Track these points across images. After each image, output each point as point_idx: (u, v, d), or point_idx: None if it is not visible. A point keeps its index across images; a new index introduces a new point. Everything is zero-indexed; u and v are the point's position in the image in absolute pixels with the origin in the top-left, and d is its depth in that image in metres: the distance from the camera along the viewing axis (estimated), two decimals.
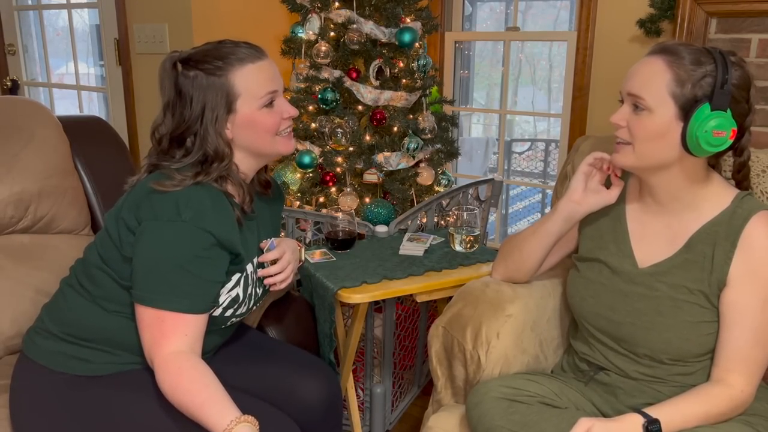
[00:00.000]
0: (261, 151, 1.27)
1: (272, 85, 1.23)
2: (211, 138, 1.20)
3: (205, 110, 1.19)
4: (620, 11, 2.26)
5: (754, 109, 1.17)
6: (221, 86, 1.19)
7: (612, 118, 1.17)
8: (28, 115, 1.66)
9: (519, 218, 5.28)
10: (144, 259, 1.15)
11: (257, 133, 1.24)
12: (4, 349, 1.48)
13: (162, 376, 1.12)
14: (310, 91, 2.22)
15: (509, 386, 1.23)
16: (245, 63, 1.20)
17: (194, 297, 1.16)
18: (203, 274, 1.17)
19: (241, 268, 1.26)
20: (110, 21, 2.76)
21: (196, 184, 1.18)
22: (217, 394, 1.10)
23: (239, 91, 1.20)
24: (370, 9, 2.21)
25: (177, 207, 1.14)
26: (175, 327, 1.14)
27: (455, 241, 1.78)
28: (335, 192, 2.23)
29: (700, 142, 1.09)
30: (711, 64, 1.09)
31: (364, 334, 1.88)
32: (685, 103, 1.10)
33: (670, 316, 1.19)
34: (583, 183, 1.28)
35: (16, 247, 1.57)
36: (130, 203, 1.20)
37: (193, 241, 1.14)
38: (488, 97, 5.97)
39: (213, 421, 1.06)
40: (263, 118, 1.23)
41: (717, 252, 1.16)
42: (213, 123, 1.19)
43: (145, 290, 1.15)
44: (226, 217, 1.20)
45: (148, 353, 1.16)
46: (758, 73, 1.95)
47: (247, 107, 1.21)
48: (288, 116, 1.27)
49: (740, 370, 1.14)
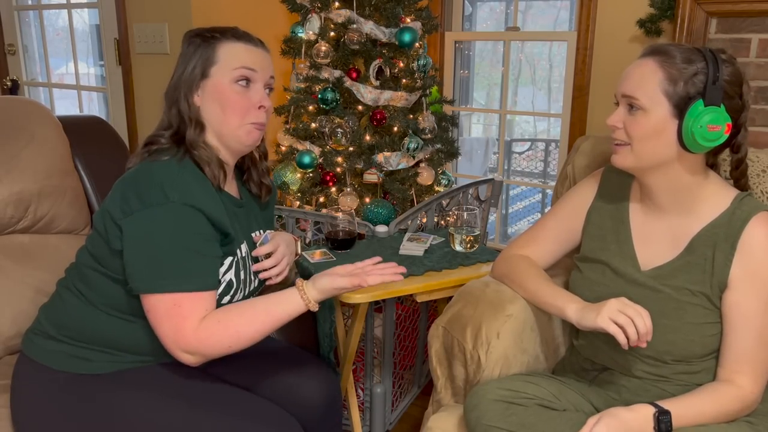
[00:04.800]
0: (222, 131, 1.23)
1: (252, 64, 1.22)
2: (181, 101, 1.21)
3: (184, 72, 1.21)
4: (620, 11, 2.26)
5: (749, 105, 1.18)
6: (205, 51, 1.21)
7: (608, 120, 1.18)
8: (28, 115, 1.66)
9: (519, 218, 5.28)
10: (142, 248, 1.12)
11: (224, 111, 1.21)
12: (4, 349, 1.48)
13: (210, 345, 1.12)
14: (310, 91, 2.22)
15: (507, 388, 1.23)
16: (239, 40, 1.22)
17: (204, 274, 1.15)
18: (205, 250, 1.15)
19: (231, 250, 1.24)
20: (110, 21, 2.76)
21: (179, 160, 1.18)
22: (265, 300, 1.18)
23: (218, 59, 1.21)
24: (370, 9, 2.21)
25: (163, 190, 1.12)
26: (194, 307, 1.12)
27: (455, 241, 1.78)
28: (335, 192, 2.23)
29: (696, 137, 1.10)
30: (702, 62, 1.11)
31: (364, 334, 1.88)
32: (679, 100, 1.11)
33: (674, 317, 1.19)
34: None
35: (16, 247, 1.57)
36: (114, 194, 1.18)
37: (188, 219, 1.13)
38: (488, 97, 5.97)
39: (292, 309, 1.17)
40: (232, 95, 1.21)
41: (717, 254, 1.17)
42: (185, 83, 1.21)
43: (152, 278, 1.12)
44: (211, 194, 1.19)
45: (173, 343, 1.12)
46: (758, 73, 1.95)
47: (219, 75, 1.21)
48: (261, 105, 1.23)
49: (747, 371, 1.15)
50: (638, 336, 1.11)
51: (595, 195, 1.37)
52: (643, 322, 1.11)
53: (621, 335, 1.11)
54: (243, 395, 1.24)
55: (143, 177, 1.15)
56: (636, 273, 1.26)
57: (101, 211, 1.21)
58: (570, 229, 1.39)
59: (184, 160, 1.19)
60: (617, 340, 1.12)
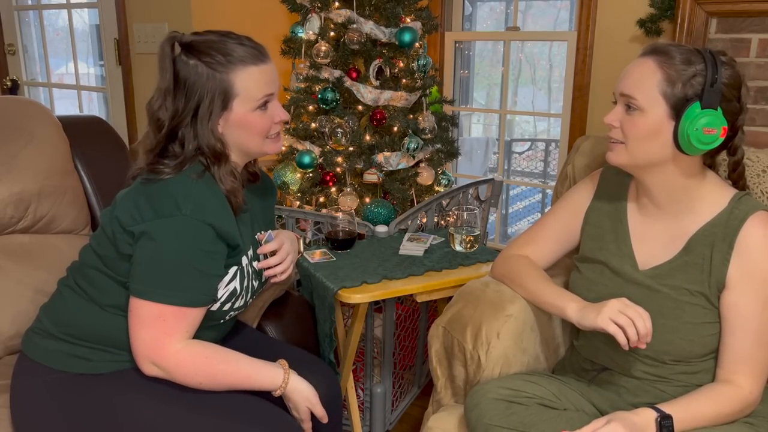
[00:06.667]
0: (248, 150, 1.27)
1: (270, 89, 1.23)
2: (203, 132, 1.19)
3: (201, 104, 1.18)
4: (620, 11, 2.26)
5: (746, 108, 1.18)
6: (221, 82, 1.18)
7: (606, 118, 1.19)
8: (28, 115, 1.66)
9: (519, 218, 5.28)
10: (147, 254, 1.14)
11: (247, 134, 1.23)
12: (4, 349, 1.48)
13: (183, 372, 1.14)
14: (310, 91, 2.22)
15: (507, 387, 1.23)
16: (248, 64, 1.19)
17: (195, 291, 1.16)
18: (205, 268, 1.17)
19: (237, 261, 1.26)
20: (110, 21, 2.76)
21: (198, 176, 1.18)
22: (252, 362, 1.22)
23: (238, 91, 1.19)
24: (370, 9, 2.21)
25: (176, 202, 1.14)
26: (178, 322, 1.14)
27: (455, 241, 1.78)
28: (335, 192, 2.23)
29: (691, 140, 1.10)
30: (701, 64, 1.10)
31: (364, 334, 1.88)
32: (676, 102, 1.11)
33: (673, 317, 1.19)
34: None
35: (16, 247, 1.57)
36: (125, 202, 1.19)
37: (196, 234, 1.14)
38: (488, 97, 5.97)
39: (268, 383, 1.22)
40: (255, 120, 1.22)
41: (715, 254, 1.17)
42: (207, 117, 1.19)
43: (145, 284, 1.14)
44: (224, 209, 1.20)
45: (145, 352, 1.15)
46: (758, 73, 1.95)
47: (242, 108, 1.21)
48: (279, 120, 1.26)
49: (746, 371, 1.15)
50: (638, 337, 1.11)
51: (593, 195, 1.37)
52: (644, 323, 1.11)
53: (621, 335, 1.11)
54: (242, 395, 1.24)
55: (158, 187, 1.17)
56: (634, 273, 1.26)
57: (109, 214, 1.22)
58: (569, 229, 1.39)
59: (201, 175, 1.20)
60: (617, 341, 1.12)
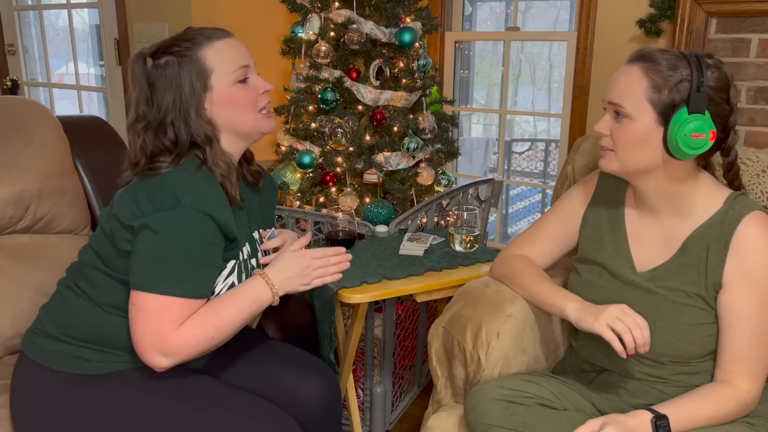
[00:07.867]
0: (242, 129, 1.26)
1: (243, 60, 1.23)
2: (192, 120, 1.19)
3: (182, 91, 1.19)
4: (620, 11, 2.26)
5: (737, 108, 1.18)
6: (194, 63, 1.19)
7: (596, 127, 1.19)
8: (28, 115, 1.66)
9: (519, 218, 5.28)
10: (147, 247, 1.13)
11: (236, 110, 1.23)
12: (4, 349, 1.48)
13: (194, 342, 1.13)
14: (310, 91, 2.22)
15: (507, 387, 1.23)
16: (213, 40, 1.21)
17: (200, 282, 1.16)
18: (207, 258, 1.16)
19: (235, 254, 1.25)
20: (110, 21, 2.76)
21: (195, 169, 1.18)
22: (234, 293, 1.21)
23: (212, 66, 1.20)
24: (370, 9, 2.21)
25: (175, 193, 1.13)
26: (181, 313, 1.13)
27: (455, 241, 1.78)
28: (335, 192, 2.23)
29: (680, 145, 1.10)
30: (687, 69, 1.11)
31: (364, 334, 1.88)
32: (664, 108, 1.11)
33: (671, 319, 1.19)
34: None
35: (16, 247, 1.57)
36: (124, 199, 1.18)
37: (197, 225, 1.14)
38: (488, 97, 5.97)
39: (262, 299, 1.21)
40: (239, 94, 1.22)
41: (711, 255, 1.17)
42: (192, 102, 1.19)
43: (148, 277, 1.13)
44: (222, 201, 1.19)
45: (152, 343, 1.12)
46: (758, 73, 1.95)
47: (221, 82, 1.21)
48: (264, 91, 1.26)
49: (744, 372, 1.15)
50: (635, 346, 1.10)
51: (591, 196, 1.37)
52: (641, 333, 1.10)
53: (617, 342, 1.11)
54: (242, 395, 1.24)
55: (156, 181, 1.16)
56: (632, 275, 1.26)
57: (108, 213, 1.22)
58: (568, 229, 1.39)
59: (199, 168, 1.19)
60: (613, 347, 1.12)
